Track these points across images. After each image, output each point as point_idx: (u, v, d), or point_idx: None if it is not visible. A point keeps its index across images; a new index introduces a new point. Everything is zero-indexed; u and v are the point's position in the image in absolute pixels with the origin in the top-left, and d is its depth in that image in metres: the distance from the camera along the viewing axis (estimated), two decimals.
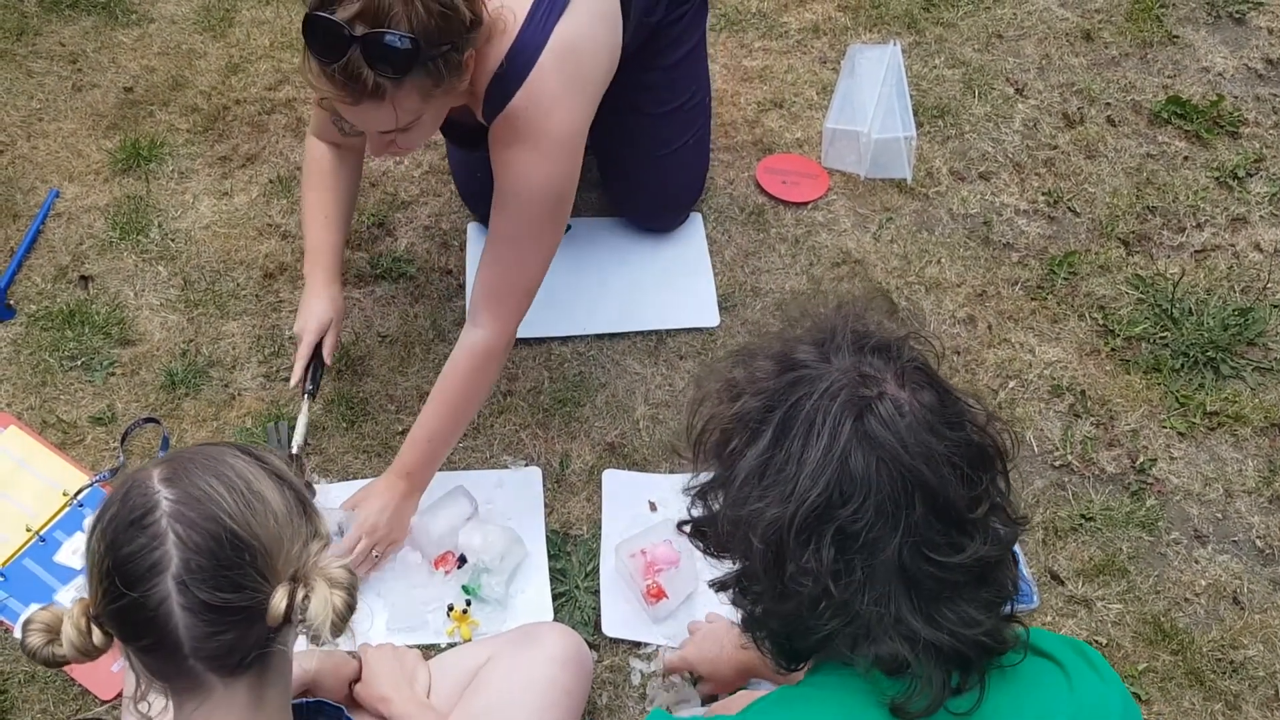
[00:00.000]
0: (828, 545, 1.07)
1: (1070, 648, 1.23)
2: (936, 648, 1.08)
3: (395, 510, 1.98)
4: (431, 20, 1.64)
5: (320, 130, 2.11)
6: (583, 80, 1.87)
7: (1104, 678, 1.21)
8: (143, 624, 1.14)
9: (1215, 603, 2.01)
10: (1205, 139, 2.71)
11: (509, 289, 1.93)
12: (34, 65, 2.86)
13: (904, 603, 1.08)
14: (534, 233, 1.90)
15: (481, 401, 2.03)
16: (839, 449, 1.06)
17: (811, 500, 1.07)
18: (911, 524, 1.06)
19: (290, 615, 1.14)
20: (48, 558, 2.05)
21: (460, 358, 1.95)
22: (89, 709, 1.89)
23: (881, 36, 2.91)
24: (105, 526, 1.16)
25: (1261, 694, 1.91)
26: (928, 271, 2.46)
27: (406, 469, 1.98)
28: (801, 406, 1.09)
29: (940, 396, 1.11)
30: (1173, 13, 2.98)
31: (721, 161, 2.66)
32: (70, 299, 2.40)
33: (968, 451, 1.09)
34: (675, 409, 2.25)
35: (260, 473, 1.20)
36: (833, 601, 1.08)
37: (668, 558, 1.97)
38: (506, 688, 1.69)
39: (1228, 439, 2.22)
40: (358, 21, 1.61)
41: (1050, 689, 1.17)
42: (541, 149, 1.83)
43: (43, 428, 2.22)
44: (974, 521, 1.08)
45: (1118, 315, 2.39)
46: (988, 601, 1.11)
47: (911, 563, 1.07)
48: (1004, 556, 1.12)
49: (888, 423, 1.07)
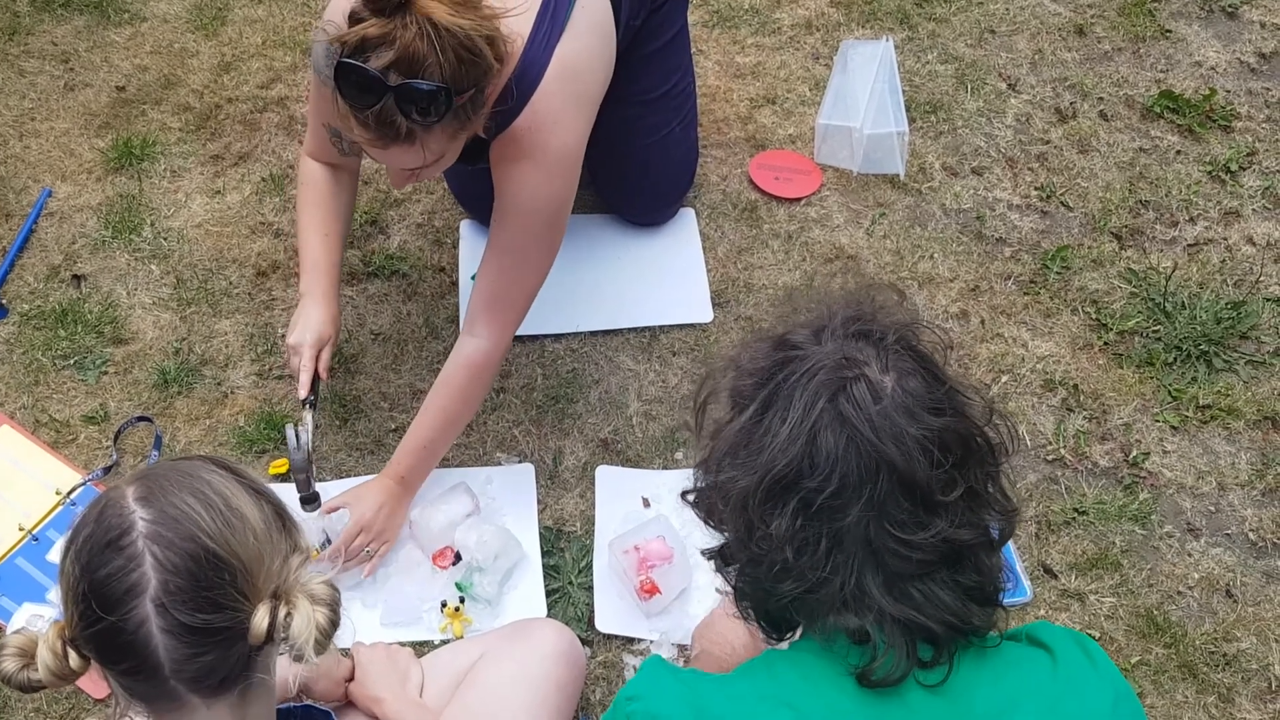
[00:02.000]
0: (790, 513, 1.12)
1: (1070, 638, 1.25)
2: (900, 622, 1.12)
3: (390, 511, 2.00)
4: (462, 67, 1.66)
5: (315, 151, 2.10)
6: (583, 97, 1.90)
7: (1097, 666, 1.22)
8: (121, 647, 1.11)
9: (1208, 596, 2.01)
10: (1198, 133, 2.71)
11: (508, 299, 1.96)
12: (26, 64, 2.85)
13: (870, 576, 1.12)
14: (534, 244, 1.94)
15: (476, 408, 2.06)
16: (809, 424, 1.11)
17: (777, 470, 1.12)
18: (876, 499, 1.10)
19: (273, 634, 1.12)
20: (40, 556, 2.05)
21: (456, 367, 1.97)
22: (82, 708, 1.89)
23: (874, 32, 2.91)
24: (80, 548, 1.12)
25: (1255, 687, 1.91)
26: (920, 267, 2.46)
27: (400, 474, 2.00)
28: (785, 384, 1.14)
29: (928, 384, 1.14)
30: (1165, 7, 2.98)
31: (714, 158, 2.66)
32: (63, 298, 2.40)
33: (946, 438, 1.12)
34: (668, 405, 2.25)
35: (237, 488, 1.17)
36: (791, 568, 1.13)
37: (661, 554, 1.98)
38: (499, 683, 1.68)
39: (1220, 432, 2.22)
40: (391, 70, 1.62)
41: (1032, 670, 1.19)
42: (544, 166, 1.85)
43: (35, 427, 2.21)
44: (944, 504, 1.12)
45: (1110, 309, 2.39)
46: (961, 586, 1.14)
47: (877, 537, 1.11)
48: (979, 541, 1.15)
49: (860, 403, 1.11)
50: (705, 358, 2.32)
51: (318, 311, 2.03)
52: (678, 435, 2.21)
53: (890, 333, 1.17)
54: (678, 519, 2.08)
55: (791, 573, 1.14)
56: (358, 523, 1.97)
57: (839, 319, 1.18)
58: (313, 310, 2.03)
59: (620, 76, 2.09)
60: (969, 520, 1.13)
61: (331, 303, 2.05)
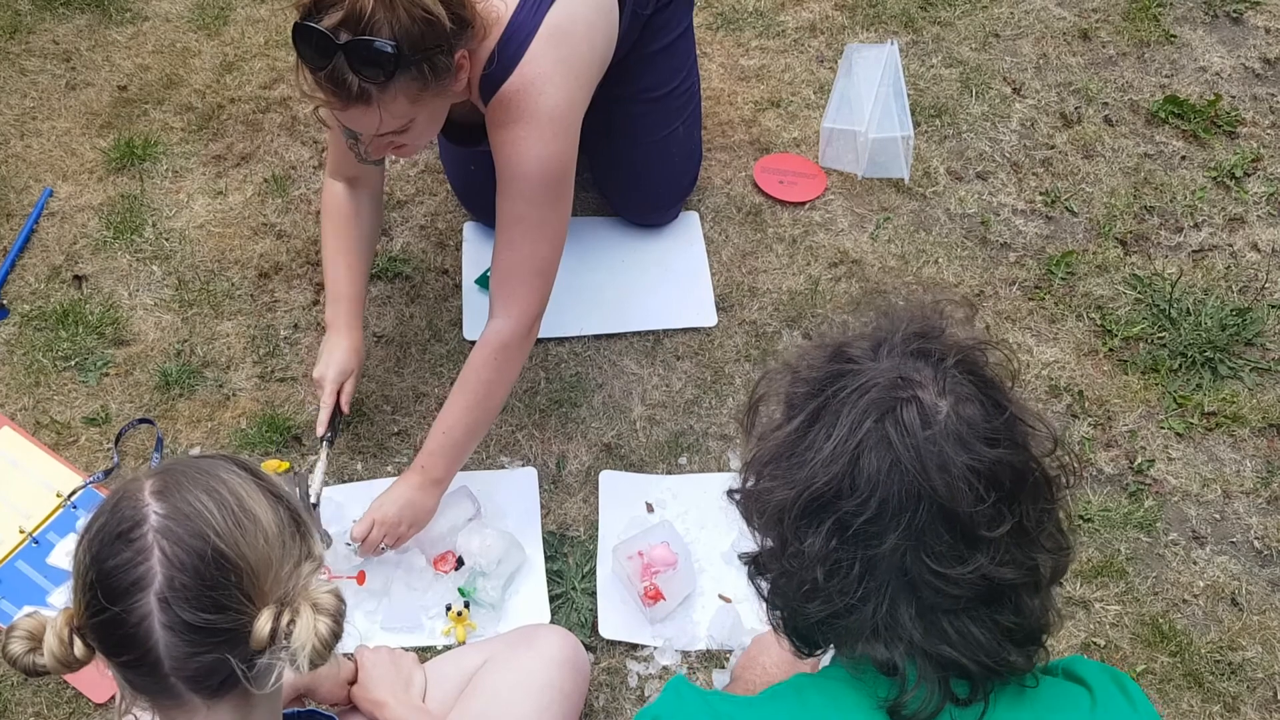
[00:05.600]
0: (825, 533, 1.09)
1: (1107, 676, 1.22)
2: (932, 656, 1.08)
3: (408, 501, 1.95)
4: (415, 26, 1.68)
5: (336, 169, 2.10)
6: (575, 60, 1.89)
7: (1136, 706, 1.19)
8: (123, 640, 1.11)
9: (1213, 604, 2.01)
10: (1203, 139, 2.70)
11: (522, 272, 1.94)
12: (28, 63, 2.84)
13: (903, 607, 1.08)
14: (539, 213, 1.92)
15: (503, 395, 2.00)
16: (854, 443, 1.07)
17: (816, 487, 1.08)
18: (915, 528, 1.06)
19: (275, 640, 1.11)
20: (41, 559, 2.04)
21: (478, 349, 1.96)
22: (83, 713, 1.88)
23: (879, 36, 2.90)
24: (93, 537, 1.13)
25: (1260, 695, 1.91)
26: (925, 271, 2.46)
27: (421, 460, 1.98)
28: (836, 399, 1.11)
29: (986, 412, 1.09)
30: (1170, 12, 2.97)
31: (718, 161, 2.65)
32: (64, 299, 2.39)
33: (998, 470, 1.07)
34: (672, 409, 2.24)
35: (255, 490, 1.17)
36: (820, 589, 1.10)
37: (665, 559, 1.97)
38: (503, 690, 1.68)
39: (1226, 439, 2.21)
40: (341, 29, 1.66)
41: (1073, 712, 1.16)
42: (536, 127, 1.85)
43: (36, 428, 2.20)
44: (987, 540, 1.07)
45: (1115, 315, 2.39)
46: (1000, 626, 1.09)
47: (913, 568, 1.07)
48: (1023, 581, 1.09)
49: (908, 427, 1.06)
50: (710, 362, 2.31)
51: (340, 343, 2.03)
52: (682, 440, 2.20)
53: (951, 354, 1.12)
54: (682, 524, 2.07)
55: (820, 594, 1.10)
56: (372, 514, 1.93)
57: (900, 334, 1.14)
58: (335, 342, 2.04)
59: (625, 74, 2.10)
60: (1013, 558, 1.08)
61: (354, 333, 2.06)
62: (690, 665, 1.93)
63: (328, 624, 1.12)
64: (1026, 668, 1.13)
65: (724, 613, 1.96)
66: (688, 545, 2.02)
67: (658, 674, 1.92)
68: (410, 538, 1.99)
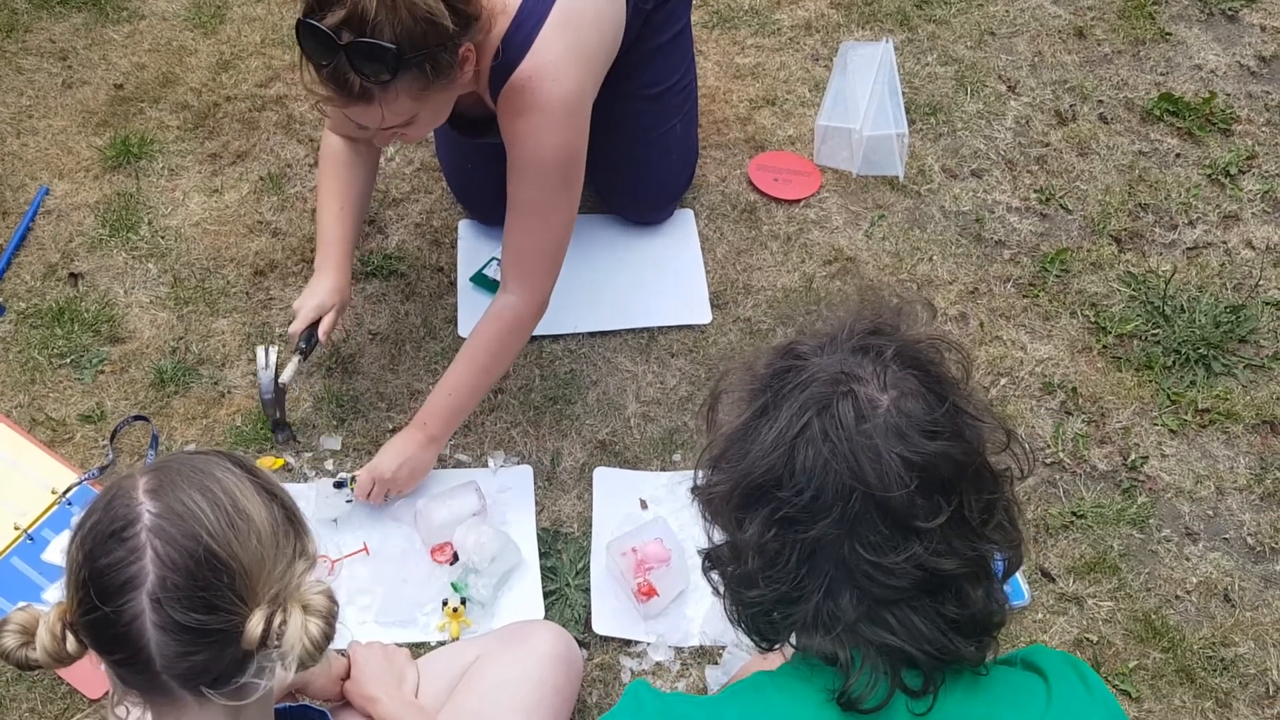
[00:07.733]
0: (761, 521, 1.12)
1: (1065, 664, 1.22)
2: (876, 645, 1.11)
3: (407, 457, 2.02)
4: (416, 26, 1.68)
5: (336, 125, 2.14)
6: (585, 49, 1.91)
7: (1093, 694, 1.20)
8: (115, 638, 1.11)
9: (1206, 600, 2.01)
10: (1197, 136, 2.70)
11: (534, 254, 1.99)
12: (24, 62, 2.85)
13: (844, 597, 1.11)
14: (550, 197, 1.95)
15: (506, 365, 2.08)
16: (792, 435, 1.10)
17: (755, 477, 1.12)
18: (849, 517, 1.09)
19: (266, 640, 1.11)
20: (35, 556, 2.04)
21: (487, 319, 2.01)
22: (76, 708, 1.88)
23: (874, 33, 2.91)
24: (86, 535, 1.13)
25: (1252, 691, 1.91)
26: (919, 269, 2.46)
27: (423, 419, 2.03)
28: (781, 394, 1.14)
29: (929, 404, 1.11)
30: (1165, 10, 2.97)
31: (713, 159, 2.66)
32: (60, 296, 2.40)
33: (936, 461, 1.09)
34: (667, 406, 2.25)
35: (249, 487, 1.17)
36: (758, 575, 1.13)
37: (658, 556, 1.97)
38: (496, 686, 1.68)
39: (1219, 436, 2.21)
40: (343, 29, 1.66)
41: (1028, 700, 1.17)
42: (547, 115, 1.87)
43: (31, 425, 2.21)
44: (922, 530, 1.08)
45: (1109, 312, 2.39)
46: (944, 617, 1.11)
47: (850, 557, 1.09)
48: (963, 572, 1.11)
49: (841, 420, 1.09)
50: (704, 359, 2.31)
51: (324, 283, 2.08)
52: (676, 437, 2.21)
53: (891, 349, 1.14)
54: (676, 521, 2.07)
55: (760, 581, 1.13)
56: (369, 470, 2.01)
57: (848, 331, 1.17)
58: (318, 280, 2.08)
59: (623, 71, 2.10)
60: (952, 549, 1.10)
61: (339, 273, 2.09)
62: (683, 661, 1.94)
63: (319, 625, 1.13)
64: (978, 659, 1.15)
65: (717, 609, 1.96)
66: (681, 542, 2.02)
67: (651, 670, 1.93)
68: (411, 489, 2.05)
